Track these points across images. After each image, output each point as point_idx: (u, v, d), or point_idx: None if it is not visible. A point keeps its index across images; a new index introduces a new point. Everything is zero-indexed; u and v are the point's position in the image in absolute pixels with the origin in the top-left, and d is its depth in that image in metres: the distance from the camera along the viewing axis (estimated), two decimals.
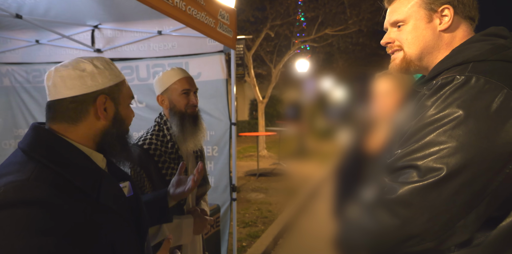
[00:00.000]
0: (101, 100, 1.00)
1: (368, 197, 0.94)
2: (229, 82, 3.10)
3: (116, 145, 1.06)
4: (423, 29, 1.01)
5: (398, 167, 0.89)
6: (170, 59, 3.22)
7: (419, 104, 0.94)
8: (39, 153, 0.91)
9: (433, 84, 0.94)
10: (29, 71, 3.53)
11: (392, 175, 0.91)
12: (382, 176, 0.96)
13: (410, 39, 1.03)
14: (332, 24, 11.04)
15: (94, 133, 1.02)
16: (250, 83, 11.45)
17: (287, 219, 4.95)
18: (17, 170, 0.86)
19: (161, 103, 1.78)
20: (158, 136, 1.73)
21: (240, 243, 4.06)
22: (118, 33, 3.30)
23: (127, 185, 1.17)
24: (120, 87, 1.06)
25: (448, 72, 0.94)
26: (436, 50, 1.02)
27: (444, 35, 1.01)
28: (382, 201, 0.89)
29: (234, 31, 2.74)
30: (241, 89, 20.89)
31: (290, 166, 9.29)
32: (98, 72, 1.02)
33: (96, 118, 1.01)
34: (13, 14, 2.64)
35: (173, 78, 1.75)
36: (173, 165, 1.72)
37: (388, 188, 0.89)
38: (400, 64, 1.07)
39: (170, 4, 1.82)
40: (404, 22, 1.03)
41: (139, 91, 3.22)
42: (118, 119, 1.05)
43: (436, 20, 1.00)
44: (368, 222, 0.91)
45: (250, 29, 10.86)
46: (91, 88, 1.00)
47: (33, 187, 0.83)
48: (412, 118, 0.93)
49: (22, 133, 3.59)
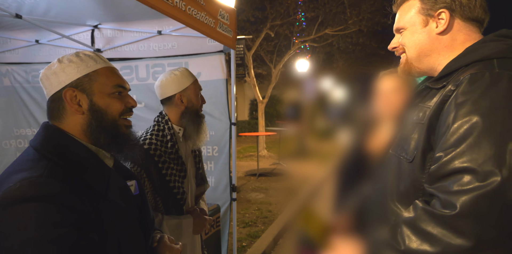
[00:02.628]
0: (69, 94, 1.00)
1: (412, 218, 0.82)
2: (229, 82, 3.09)
3: (99, 138, 1.03)
4: (419, 33, 1.06)
5: (446, 172, 0.79)
6: (170, 59, 3.21)
7: (451, 101, 0.88)
8: (50, 151, 0.95)
9: (460, 80, 0.90)
10: (28, 71, 3.53)
11: (440, 184, 0.81)
12: (421, 186, 0.89)
13: (407, 43, 1.09)
14: (332, 24, 11.04)
15: (81, 128, 1.02)
16: (250, 83, 11.45)
17: (287, 219, 4.94)
18: (30, 166, 0.90)
19: (179, 102, 1.76)
20: (158, 136, 1.73)
21: (240, 243, 4.06)
22: (118, 33, 3.29)
23: (134, 184, 1.18)
24: (92, 77, 1.03)
25: (469, 68, 0.93)
26: (435, 52, 1.05)
27: (442, 38, 1.04)
28: (438, 219, 0.76)
29: (234, 31, 2.73)
30: (241, 89, 20.88)
31: (290, 166, 9.28)
32: (62, 68, 1.02)
33: (73, 113, 1.01)
34: (13, 14, 2.64)
35: (192, 77, 1.80)
36: (172, 165, 1.72)
37: (441, 201, 0.78)
38: (404, 67, 1.12)
39: (170, 4, 1.82)
40: (404, 28, 1.09)
41: (138, 91, 3.21)
42: (95, 110, 1.02)
43: (433, 24, 1.04)
44: (423, 249, 0.76)
45: (250, 29, 10.86)
46: (60, 85, 1.02)
47: (47, 183, 0.86)
48: (445, 117, 0.88)
49: (22, 132, 3.59)
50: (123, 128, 1.08)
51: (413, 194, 0.94)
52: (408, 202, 0.94)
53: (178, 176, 1.73)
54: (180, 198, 1.71)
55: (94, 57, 1.06)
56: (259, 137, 10.09)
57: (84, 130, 1.02)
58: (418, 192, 0.93)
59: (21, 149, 3.51)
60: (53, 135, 1.00)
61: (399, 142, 1.06)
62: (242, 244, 4.07)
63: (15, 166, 0.93)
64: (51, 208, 0.84)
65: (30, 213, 0.81)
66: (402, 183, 0.98)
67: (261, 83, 15.53)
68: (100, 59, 1.07)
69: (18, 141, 3.58)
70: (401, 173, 0.99)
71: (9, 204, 0.82)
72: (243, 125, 19.96)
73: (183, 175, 1.76)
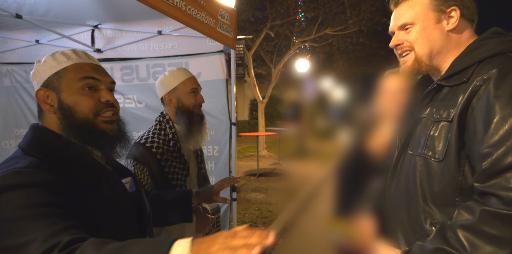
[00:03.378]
0: (41, 94, 1.01)
1: (473, 221, 0.81)
2: (229, 82, 3.09)
3: (71, 136, 1.00)
4: (432, 29, 1.05)
5: (503, 168, 0.78)
6: (170, 59, 3.21)
7: (482, 96, 0.89)
8: (35, 149, 0.96)
9: (488, 74, 0.90)
10: (28, 71, 3.52)
11: (496, 180, 0.79)
12: (458, 185, 0.89)
13: (420, 39, 1.06)
14: (332, 24, 11.03)
15: (58, 126, 1.02)
16: (250, 83, 11.44)
17: (287, 219, 4.94)
18: (15, 162, 0.91)
19: (168, 102, 1.77)
20: (160, 135, 1.74)
21: None
22: (118, 33, 3.29)
23: (130, 181, 1.17)
24: (61, 74, 1.01)
25: (485, 63, 0.95)
26: (445, 49, 1.05)
27: (452, 35, 1.05)
28: (505, 218, 0.75)
29: (234, 31, 2.73)
30: (241, 89, 20.87)
31: (290, 166, 9.28)
32: (38, 68, 1.03)
33: (47, 112, 1.02)
34: (13, 14, 2.64)
35: (181, 77, 1.76)
36: (175, 163, 1.72)
37: (503, 199, 0.76)
38: (412, 66, 1.09)
39: (170, 4, 1.82)
40: (413, 24, 1.07)
41: (139, 91, 3.21)
42: (63, 108, 1.00)
43: (444, 21, 1.05)
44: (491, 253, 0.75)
45: (250, 29, 10.85)
46: (38, 85, 1.03)
47: (31, 172, 0.86)
48: (479, 112, 0.88)
49: (22, 132, 3.59)
50: (101, 125, 1.03)
51: (451, 194, 0.94)
52: (445, 203, 0.94)
53: (180, 174, 1.73)
54: (167, 189, 1.71)
55: (68, 54, 1.03)
56: (259, 137, 10.09)
57: (61, 128, 1.01)
58: (455, 191, 0.93)
59: None
60: (37, 134, 1.01)
61: (416, 141, 1.06)
62: None
63: (0, 164, 0.93)
64: (36, 191, 0.83)
65: (15, 199, 0.81)
66: (435, 183, 0.97)
67: (261, 83, 15.52)
68: (75, 56, 1.03)
69: (18, 141, 3.57)
70: (432, 173, 0.98)
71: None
72: (243, 125, 19.96)
73: (185, 174, 1.76)
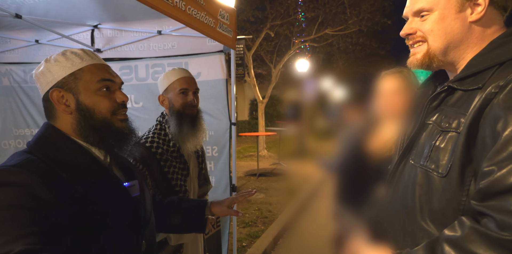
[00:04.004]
0: (55, 95, 1.01)
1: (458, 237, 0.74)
2: (229, 82, 3.09)
3: (89, 136, 1.02)
4: (452, 20, 0.88)
5: (502, 189, 0.70)
6: (169, 59, 3.21)
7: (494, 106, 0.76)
8: (37, 148, 0.97)
9: (506, 79, 0.76)
10: (27, 71, 3.52)
11: (494, 202, 0.72)
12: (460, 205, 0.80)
13: (436, 30, 0.89)
14: (332, 24, 11.04)
15: (72, 127, 1.03)
16: (250, 83, 11.44)
17: (287, 219, 4.94)
18: (11, 159, 0.93)
19: (162, 103, 1.78)
20: (160, 135, 1.74)
21: (240, 243, 4.05)
22: (118, 33, 3.29)
23: (136, 184, 1.16)
24: (77, 75, 1.02)
25: (507, 66, 0.81)
26: (465, 44, 0.89)
27: (474, 27, 0.88)
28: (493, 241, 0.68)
29: (234, 31, 2.73)
30: (241, 89, 20.87)
31: (290, 166, 9.28)
32: (48, 68, 1.02)
33: (62, 113, 1.02)
34: (13, 14, 2.63)
35: (172, 78, 1.75)
36: (175, 163, 1.72)
37: (496, 222, 0.69)
38: (423, 59, 0.93)
39: (170, 4, 1.82)
40: (430, 11, 0.89)
41: (137, 91, 3.21)
42: (82, 109, 1.02)
43: (468, 9, 0.87)
44: None
45: (250, 29, 10.86)
46: (48, 85, 1.02)
47: (15, 171, 0.87)
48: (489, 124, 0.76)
49: (22, 133, 3.58)
50: (117, 123, 1.06)
51: (451, 213, 0.83)
52: (444, 222, 0.83)
53: (180, 174, 1.72)
54: (182, 196, 1.71)
55: (81, 55, 1.05)
56: (259, 137, 10.09)
57: (75, 128, 1.03)
58: (457, 211, 0.82)
59: (20, 149, 3.49)
60: (46, 133, 1.02)
61: (419, 150, 0.94)
62: (242, 244, 4.07)
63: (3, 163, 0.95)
64: (13, 191, 0.84)
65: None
66: (435, 200, 0.86)
67: (261, 83, 15.53)
68: (88, 57, 1.05)
69: (17, 141, 3.58)
70: (433, 189, 0.87)
71: None
72: (243, 125, 19.95)
73: (185, 174, 1.76)
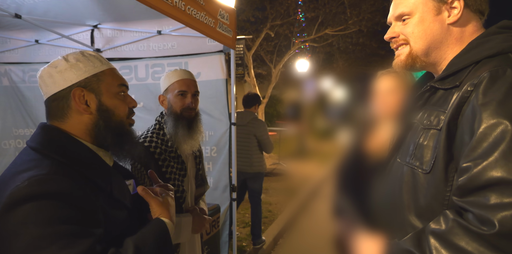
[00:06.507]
0: (78, 93, 1.01)
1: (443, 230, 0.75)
2: (229, 82, 3.09)
3: (106, 138, 1.04)
4: (431, 22, 0.94)
5: (479, 185, 0.71)
6: (169, 59, 3.21)
7: (470, 103, 0.79)
8: (51, 150, 0.95)
9: (478, 78, 0.80)
10: (26, 70, 3.53)
11: (472, 198, 0.73)
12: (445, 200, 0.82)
13: (417, 32, 0.95)
14: (332, 24, 11.03)
15: (85, 128, 1.03)
16: (250, 83, 11.43)
17: (287, 219, 4.94)
18: (35, 165, 0.91)
19: (162, 103, 1.79)
20: (159, 135, 1.74)
21: (240, 243, 4.05)
22: (118, 33, 3.29)
23: (132, 183, 1.18)
24: (100, 77, 1.04)
25: (482, 65, 0.84)
26: (445, 45, 0.94)
27: (453, 29, 0.94)
28: (474, 235, 0.69)
29: (234, 31, 2.73)
30: (241, 89, 20.83)
31: (290, 166, 9.28)
32: (70, 66, 1.02)
33: (79, 112, 1.02)
34: (12, 14, 2.63)
35: (173, 78, 1.76)
36: (172, 163, 1.72)
37: (476, 217, 0.71)
38: (406, 60, 0.99)
39: (169, 4, 1.81)
40: (410, 15, 0.96)
41: (137, 91, 3.21)
42: (103, 110, 1.03)
43: (445, 12, 0.93)
44: None
45: (250, 29, 10.85)
46: (66, 83, 1.01)
47: (54, 180, 0.87)
48: (466, 121, 0.79)
49: (21, 133, 3.58)
50: (128, 127, 1.11)
51: (437, 209, 0.85)
52: (431, 218, 0.85)
53: (178, 174, 1.73)
54: (180, 196, 1.71)
55: (99, 58, 1.08)
56: None
57: (89, 129, 1.03)
58: (442, 206, 0.85)
59: (20, 149, 3.47)
60: (52, 134, 1.01)
61: (405, 148, 0.97)
62: (242, 244, 4.06)
63: (17, 167, 0.93)
64: (58, 204, 0.84)
65: (39, 211, 0.82)
66: (421, 196, 0.89)
67: (261, 83, 15.51)
68: (105, 60, 1.10)
69: (17, 141, 3.58)
70: (418, 185, 0.90)
71: (18, 202, 0.82)
72: None
73: (183, 174, 1.76)
